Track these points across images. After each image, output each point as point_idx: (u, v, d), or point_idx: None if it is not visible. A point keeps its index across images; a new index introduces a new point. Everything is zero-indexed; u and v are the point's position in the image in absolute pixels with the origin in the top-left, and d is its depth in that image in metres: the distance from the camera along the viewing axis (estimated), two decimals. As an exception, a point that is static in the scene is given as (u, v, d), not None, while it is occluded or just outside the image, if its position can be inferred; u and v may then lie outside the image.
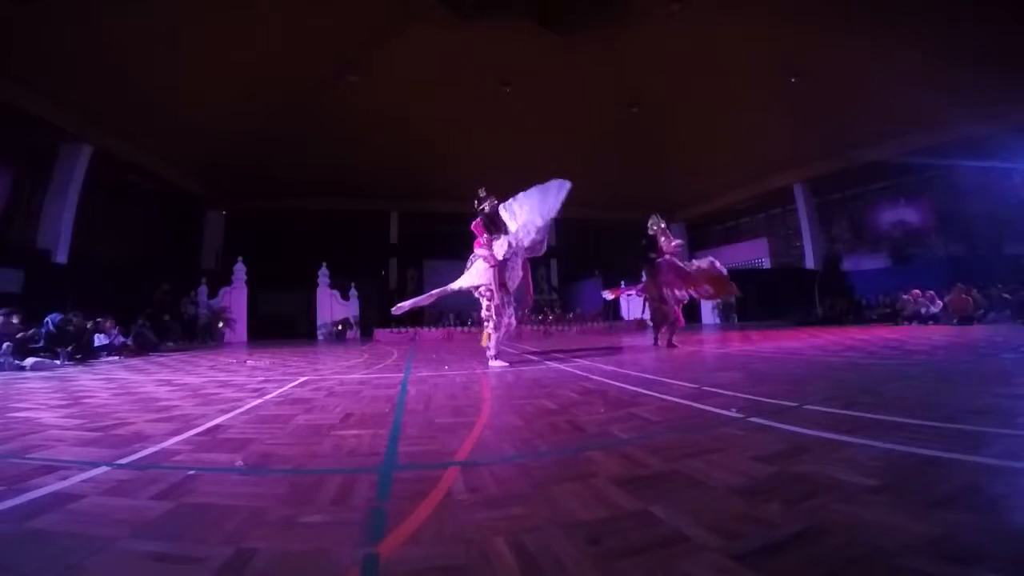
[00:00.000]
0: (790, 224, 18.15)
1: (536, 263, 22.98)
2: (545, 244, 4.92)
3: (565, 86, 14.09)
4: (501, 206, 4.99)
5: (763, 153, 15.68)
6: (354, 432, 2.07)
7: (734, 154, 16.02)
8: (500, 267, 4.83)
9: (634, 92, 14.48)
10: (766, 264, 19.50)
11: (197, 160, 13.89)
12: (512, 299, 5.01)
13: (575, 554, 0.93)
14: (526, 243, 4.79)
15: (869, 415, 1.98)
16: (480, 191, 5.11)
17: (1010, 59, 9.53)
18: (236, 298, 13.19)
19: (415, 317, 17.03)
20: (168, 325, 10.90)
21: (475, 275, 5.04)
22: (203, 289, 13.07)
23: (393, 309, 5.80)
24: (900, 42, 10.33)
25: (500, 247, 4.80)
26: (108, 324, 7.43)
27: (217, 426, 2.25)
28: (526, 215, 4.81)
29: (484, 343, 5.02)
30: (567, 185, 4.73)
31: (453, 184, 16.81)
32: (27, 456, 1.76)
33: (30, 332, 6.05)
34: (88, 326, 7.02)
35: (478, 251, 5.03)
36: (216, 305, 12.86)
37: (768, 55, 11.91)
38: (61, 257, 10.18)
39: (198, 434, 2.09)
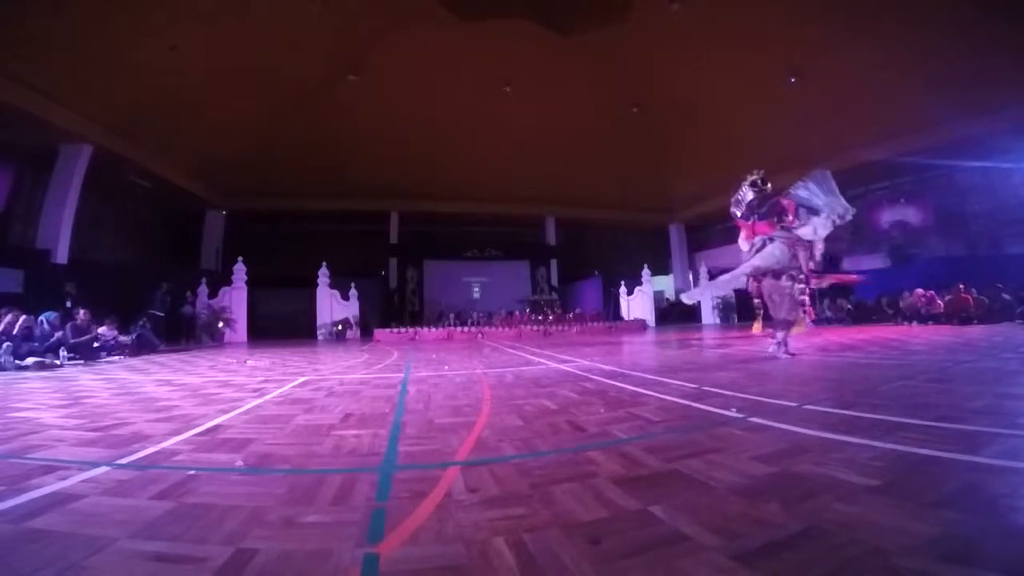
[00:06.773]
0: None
1: (536, 263, 22.69)
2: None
3: (565, 86, 14.08)
4: (791, 193, 4.65)
5: (763, 153, 15.64)
6: (354, 432, 2.07)
7: (734, 154, 16.01)
8: (808, 249, 4.36)
9: (634, 92, 14.47)
10: (766, 264, 19.45)
11: (197, 160, 13.88)
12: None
13: (575, 554, 0.93)
14: (824, 232, 4.32)
15: (869, 415, 1.98)
16: (755, 172, 4.80)
17: (1009, 51, 9.49)
18: (236, 298, 13.17)
19: (415, 317, 17.05)
20: (163, 323, 10.83)
21: (774, 257, 4.51)
22: (203, 289, 13.06)
23: (684, 297, 5.37)
24: (900, 39, 10.31)
25: (807, 230, 4.35)
26: (82, 315, 7.17)
27: (217, 426, 2.24)
28: (822, 198, 4.43)
29: (756, 330, 4.52)
30: (827, 173, 4.53)
31: (453, 184, 16.85)
32: (27, 456, 1.76)
33: (26, 330, 6.04)
34: (87, 324, 7.01)
35: (777, 234, 4.51)
36: (216, 305, 12.86)
37: (767, 55, 11.89)
38: (61, 257, 10.17)
39: (198, 434, 2.09)
